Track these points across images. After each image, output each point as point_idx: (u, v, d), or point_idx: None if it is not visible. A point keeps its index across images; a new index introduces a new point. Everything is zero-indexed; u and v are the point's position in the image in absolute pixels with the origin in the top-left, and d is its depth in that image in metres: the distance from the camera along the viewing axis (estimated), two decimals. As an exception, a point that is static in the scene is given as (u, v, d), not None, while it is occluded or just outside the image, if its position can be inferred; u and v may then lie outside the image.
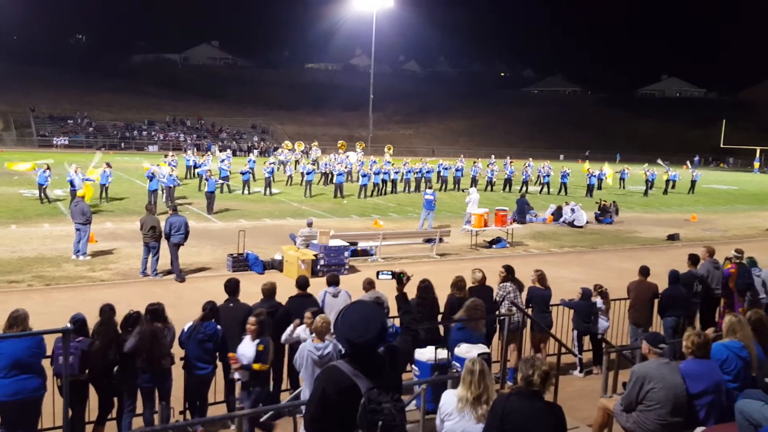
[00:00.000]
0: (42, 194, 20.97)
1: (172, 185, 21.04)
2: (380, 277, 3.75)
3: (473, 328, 6.61)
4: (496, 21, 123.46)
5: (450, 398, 4.27)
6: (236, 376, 5.84)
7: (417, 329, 3.56)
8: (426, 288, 7.30)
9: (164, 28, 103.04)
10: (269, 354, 5.78)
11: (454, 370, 6.21)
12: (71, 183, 19.69)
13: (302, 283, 7.21)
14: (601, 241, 18.66)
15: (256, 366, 5.69)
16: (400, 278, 3.67)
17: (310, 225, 14.09)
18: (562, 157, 62.91)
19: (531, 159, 37.39)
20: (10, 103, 58.63)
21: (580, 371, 8.27)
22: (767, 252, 14.24)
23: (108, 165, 22.23)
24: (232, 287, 6.84)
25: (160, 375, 5.94)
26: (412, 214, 21.93)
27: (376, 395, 2.69)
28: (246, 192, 25.77)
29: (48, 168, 21.23)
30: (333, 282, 7.50)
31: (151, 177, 20.23)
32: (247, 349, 5.79)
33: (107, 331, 5.87)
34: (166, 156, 27.83)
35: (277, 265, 13.07)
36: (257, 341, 5.77)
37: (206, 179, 21.01)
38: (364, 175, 26.88)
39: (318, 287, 7.67)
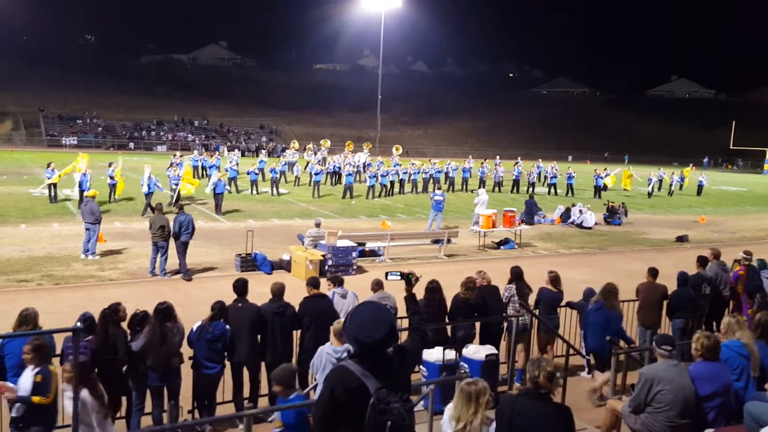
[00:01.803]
0: (51, 193, 21.13)
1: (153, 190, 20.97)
2: (389, 277, 3.74)
3: (611, 309, 7.02)
4: (504, 22, 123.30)
5: (449, 416, 4.20)
6: (12, 413, 5.00)
7: (426, 330, 3.55)
8: (434, 289, 7.30)
9: (173, 28, 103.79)
10: (50, 386, 5.00)
11: (462, 371, 6.21)
12: (80, 184, 19.85)
13: (315, 282, 7.17)
14: (609, 243, 18.58)
15: (35, 399, 4.95)
16: (409, 279, 3.67)
17: (318, 225, 14.12)
18: (570, 158, 62.67)
19: (540, 160, 37.27)
20: (20, 103, 59.14)
21: (588, 372, 8.24)
22: (778, 254, 14.11)
23: (109, 165, 22.24)
24: (240, 287, 6.86)
25: (169, 374, 5.97)
26: (420, 215, 21.91)
27: (384, 395, 2.69)
28: (254, 192, 25.85)
29: (49, 165, 21.37)
30: (337, 282, 7.52)
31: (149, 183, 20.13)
32: (24, 379, 5.02)
33: (109, 329, 5.89)
34: (174, 156, 27.94)
35: (285, 266, 13.10)
36: (35, 371, 4.98)
37: (214, 184, 20.94)
38: (371, 176, 26.90)
39: (323, 288, 7.67)
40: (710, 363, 5.07)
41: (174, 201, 20.64)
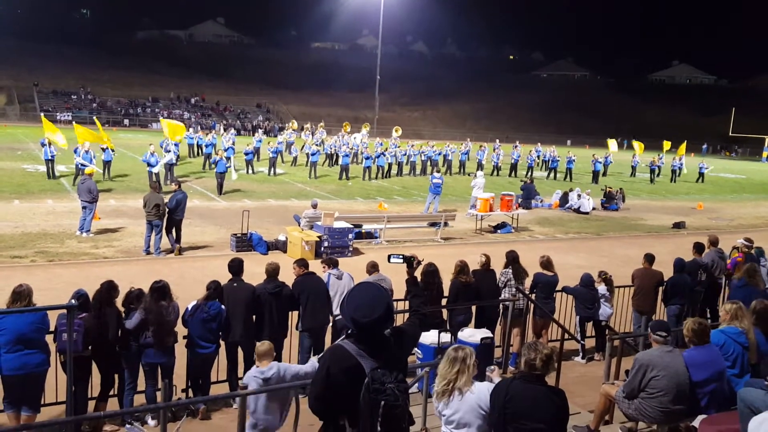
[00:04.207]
0: (50, 170, 20.94)
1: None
2: (392, 260, 3.71)
3: (755, 286, 7.43)
4: (506, 3, 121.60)
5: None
6: None
7: (426, 313, 3.53)
8: (432, 272, 7.29)
9: (169, 4, 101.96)
10: None
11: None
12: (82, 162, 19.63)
13: (304, 263, 7.24)
14: (606, 228, 18.60)
15: None
16: (411, 262, 3.64)
17: (314, 206, 14.05)
18: (569, 142, 62.51)
19: (539, 144, 37.14)
20: (14, 78, 58.39)
21: (583, 357, 8.28)
22: (773, 242, 14.15)
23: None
24: (236, 267, 6.83)
25: (163, 352, 5.95)
26: (417, 197, 21.86)
27: (379, 376, 2.69)
28: (250, 172, 25.71)
29: (50, 143, 21.17)
30: (332, 264, 7.50)
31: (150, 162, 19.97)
32: None
33: (104, 307, 5.86)
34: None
35: (281, 246, 13.06)
36: None
37: (214, 162, 20.78)
38: (367, 158, 26.76)
39: (318, 270, 7.65)
40: (704, 349, 5.07)
41: (169, 178, 20.50)
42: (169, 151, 20.90)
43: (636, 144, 35.95)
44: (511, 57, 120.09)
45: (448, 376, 4.02)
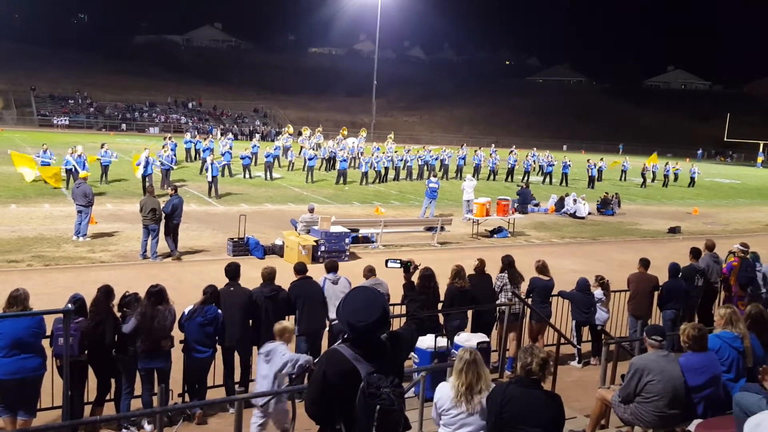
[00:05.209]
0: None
1: (168, 168, 21.09)
2: (389, 265, 3.73)
3: None
4: (502, 8, 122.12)
5: (446, 392, 4.18)
6: None
7: (422, 318, 3.54)
8: (429, 276, 7.31)
9: (167, 9, 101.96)
10: None
11: (454, 358, 6.22)
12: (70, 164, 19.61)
13: (300, 268, 7.25)
14: (602, 233, 18.66)
15: None
16: (408, 267, 3.67)
17: (311, 211, 14.06)
18: (564, 147, 62.71)
19: (535, 148, 37.25)
20: (11, 82, 58.30)
21: (579, 362, 8.30)
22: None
23: (102, 146, 22.01)
24: (232, 271, 6.84)
25: (160, 357, 5.94)
26: (414, 202, 21.89)
27: (375, 380, 2.70)
28: (247, 176, 25.71)
29: (46, 149, 21.13)
30: (332, 268, 7.50)
31: (145, 164, 19.95)
32: None
33: (101, 311, 5.86)
34: (165, 138, 27.68)
35: (278, 251, 13.07)
36: None
37: (210, 163, 20.89)
38: (365, 162, 26.79)
39: (317, 274, 7.66)
40: (700, 354, 5.09)
41: (166, 183, 20.51)
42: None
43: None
44: (508, 62, 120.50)
45: (481, 375, 4.07)
